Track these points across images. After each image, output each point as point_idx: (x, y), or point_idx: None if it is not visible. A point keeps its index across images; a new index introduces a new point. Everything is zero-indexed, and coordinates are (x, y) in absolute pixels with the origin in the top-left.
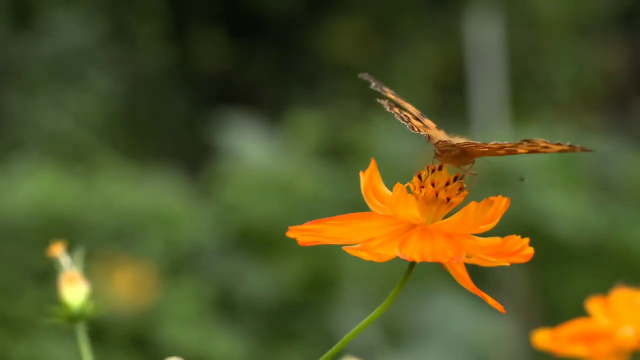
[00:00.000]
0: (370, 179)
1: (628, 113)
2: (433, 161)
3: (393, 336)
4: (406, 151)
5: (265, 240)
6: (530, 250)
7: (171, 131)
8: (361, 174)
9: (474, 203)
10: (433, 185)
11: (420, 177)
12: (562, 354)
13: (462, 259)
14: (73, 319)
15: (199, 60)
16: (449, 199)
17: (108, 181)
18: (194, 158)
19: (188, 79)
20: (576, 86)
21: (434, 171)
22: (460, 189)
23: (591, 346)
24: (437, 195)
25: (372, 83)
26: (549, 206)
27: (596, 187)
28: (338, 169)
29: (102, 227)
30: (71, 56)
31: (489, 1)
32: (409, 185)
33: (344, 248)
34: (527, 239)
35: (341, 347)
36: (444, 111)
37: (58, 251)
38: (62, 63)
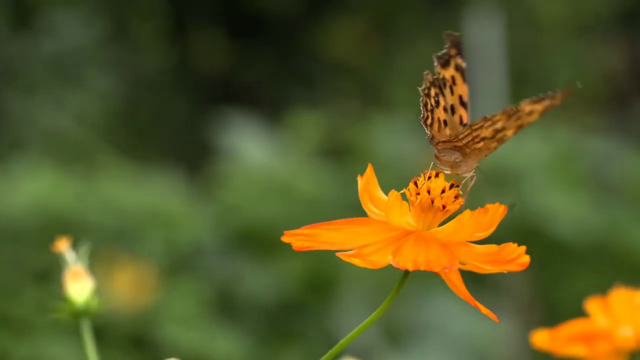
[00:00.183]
0: (367, 184)
1: (628, 113)
2: (432, 166)
3: (393, 336)
4: (406, 151)
5: (265, 241)
6: (527, 259)
7: (171, 131)
8: (359, 178)
9: (468, 211)
10: (429, 192)
11: (416, 184)
12: (561, 354)
13: (455, 268)
14: (78, 315)
15: (199, 60)
16: (444, 207)
17: (108, 181)
18: (194, 158)
19: (188, 79)
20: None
21: (430, 178)
22: (456, 196)
23: (590, 346)
24: (432, 202)
25: (446, 44)
26: (549, 206)
27: (596, 187)
28: (338, 169)
29: (102, 227)
30: (71, 56)
31: (489, 1)
32: (404, 191)
33: (337, 254)
34: (523, 247)
35: (338, 351)
36: None
37: (63, 247)
38: (62, 63)
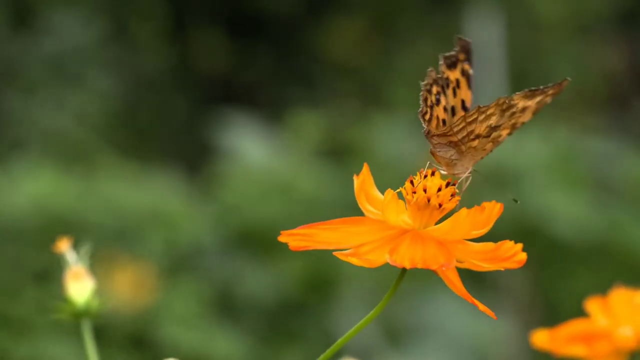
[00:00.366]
0: (362, 183)
1: (628, 113)
2: (428, 165)
3: (392, 336)
4: (406, 151)
5: (265, 241)
6: (523, 256)
7: (171, 131)
8: (355, 178)
9: (464, 209)
10: (425, 191)
11: (412, 183)
12: (561, 353)
13: (453, 265)
14: (78, 316)
15: (199, 60)
16: (440, 205)
17: (108, 181)
18: (194, 158)
19: (188, 79)
20: (576, 86)
21: (426, 177)
22: (453, 194)
23: (590, 346)
24: (429, 200)
25: (456, 47)
26: (549, 206)
27: (596, 187)
28: (338, 169)
29: (102, 227)
30: (71, 56)
31: (489, 1)
32: (401, 190)
33: (334, 254)
34: (520, 245)
35: (336, 350)
36: None
37: (64, 247)
38: (62, 63)
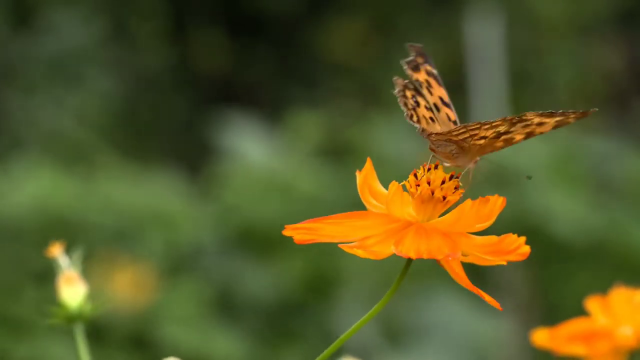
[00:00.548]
0: (366, 178)
1: (628, 113)
2: (431, 159)
3: (392, 336)
4: (406, 151)
5: (265, 241)
6: (527, 249)
7: (171, 131)
8: (357, 173)
9: (469, 201)
10: (429, 183)
11: (416, 176)
12: (561, 353)
13: (458, 256)
14: (71, 320)
15: (199, 60)
16: (444, 198)
17: (108, 181)
18: (194, 158)
19: (188, 78)
20: (576, 86)
21: (430, 169)
22: (456, 187)
23: (590, 345)
24: (432, 193)
25: (411, 54)
26: (549, 206)
27: (596, 187)
28: (338, 169)
29: (102, 227)
30: (71, 56)
31: (489, 1)
32: (405, 183)
33: (340, 246)
34: (523, 238)
35: (341, 343)
36: None
37: (56, 252)
38: (62, 63)
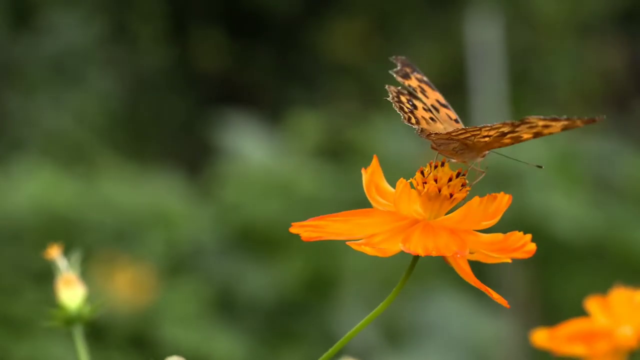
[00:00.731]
0: (372, 175)
1: (628, 113)
2: (437, 157)
3: (393, 336)
4: (407, 151)
5: (265, 240)
6: (533, 246)
7: (171, 131)
8: (363, 170)
9: (477, 198)
10: (436, 181)
11: (422, 173)
12: (561, 353)
13: (466, 253)
14: (70, 322)
15: (199, 60)
16: (451, 195)
17: (108, 181)
18: (194, 158)
19: (188, 79)
20: (576, 86)
21: (436, 167)
22: (463, 185)
23: (590, 345)
24: (439, 191)
25: (397, 65)
26: (549, 206)
27: (596, 187)
28: (338, 169)
29: (102, 227)
30: (71, 56)
31: (489, 1)
32: (411, 181)
33: (348, 243)
34: (529, 235)
35: (343, 345)
36: None
37: (55, 253)
38: (62, 63)
